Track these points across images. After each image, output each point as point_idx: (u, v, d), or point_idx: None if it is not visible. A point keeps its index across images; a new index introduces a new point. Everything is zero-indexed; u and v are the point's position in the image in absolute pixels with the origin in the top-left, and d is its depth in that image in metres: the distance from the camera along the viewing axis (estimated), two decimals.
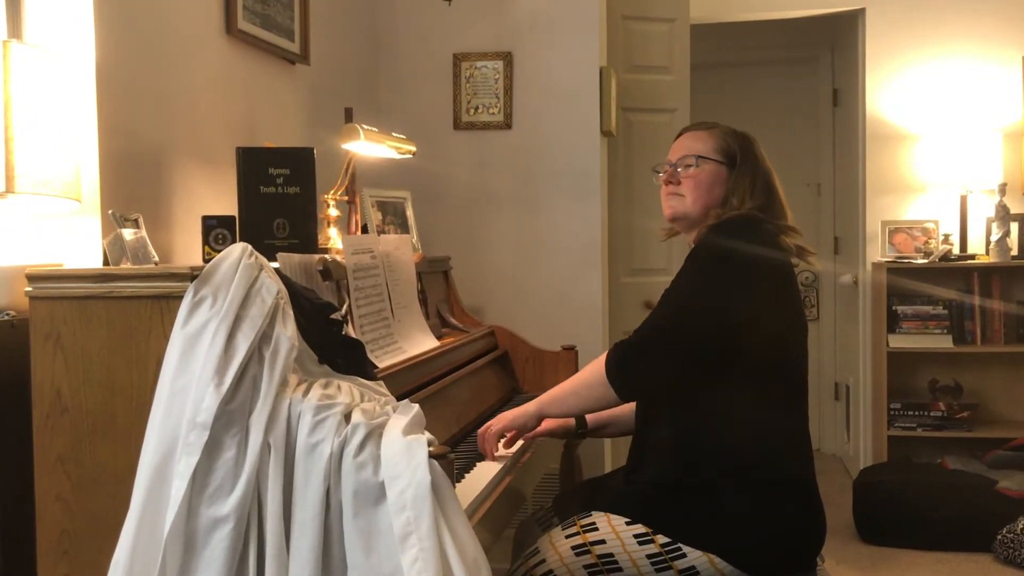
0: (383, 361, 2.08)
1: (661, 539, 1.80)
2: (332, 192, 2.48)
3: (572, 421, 2.24)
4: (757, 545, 1.79)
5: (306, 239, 2.08)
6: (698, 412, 1.85)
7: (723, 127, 2.07)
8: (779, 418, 1.88)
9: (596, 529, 1.86)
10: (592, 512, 1.90)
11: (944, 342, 4.34)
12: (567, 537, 1.88)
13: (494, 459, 2.02)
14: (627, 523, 1.84)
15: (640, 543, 1.81)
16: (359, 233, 2.64)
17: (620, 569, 1.82)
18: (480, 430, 2.06)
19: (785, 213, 2.01)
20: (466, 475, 1.92)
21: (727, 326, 1.81)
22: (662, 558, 1.80)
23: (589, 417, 2.25)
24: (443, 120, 3.50)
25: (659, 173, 2.08)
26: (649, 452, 1.93)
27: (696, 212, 1.99)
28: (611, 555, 1.82)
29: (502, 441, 2.06)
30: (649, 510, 1.84)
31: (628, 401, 1.96)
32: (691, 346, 1.82)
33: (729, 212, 1.95)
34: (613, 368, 1.86)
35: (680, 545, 1.79)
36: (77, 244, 1.86)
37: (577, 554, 1.85)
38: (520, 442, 2.10)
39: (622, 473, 2.07)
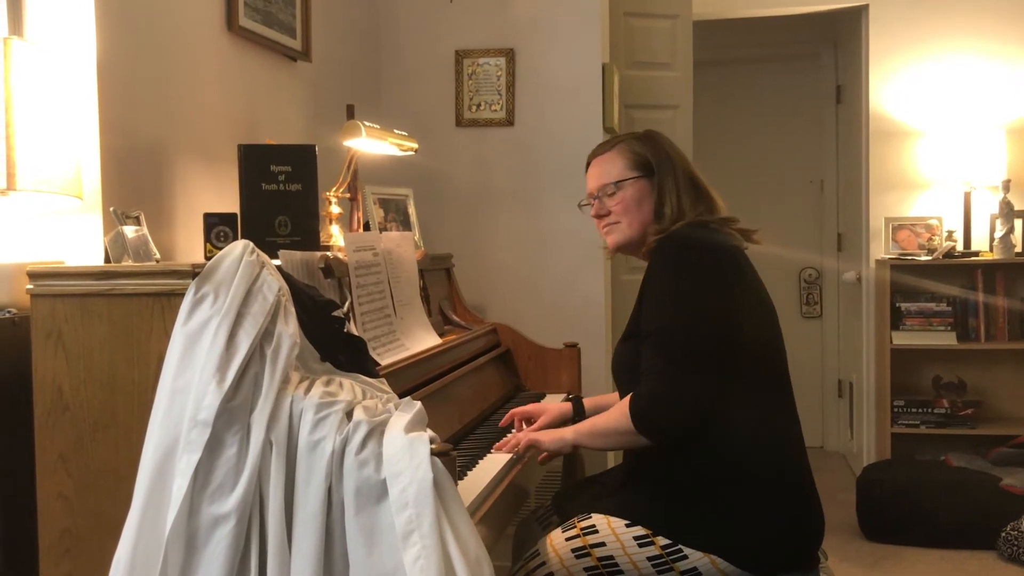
0: (385, 358, 2.07)
1: (661, 541, 1.79)
2: (334, 189, 2.48)
3: (570, 409, 2.28)
4: (757, 543, 1.78)
5: (308, 236, 2.08)
6: None
7: (624, 140, 2.06)
8: (770, 413, 1.87)
9: (596, 531, 1.85)
10: (592, 514, 1.89)
11: (948, 339, 4.33)
12: (567, 539, 1.87)
13: (509, 452, 2.06)
14: (627, 525, 1.83)
15: (640, 545, 1.80)
16: (361, 230, 2.64)
17: (621, 571, 1.81)
18: (522, 434, 2.07)
19: (714, 201, 2.00)
20: (468, 472, 1.92)
21: (714, 327, 1.79)
22: (663, 560, 1.79)
23: (587, 402, 2.31)
24: (445, 117, 3.50)
25: (587, 206, 2.09)
26: (646, 454, 1.92)
27: (635, 234, 2.00)
28: (611, 557, 1.82)
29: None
30: (648, 512, 1.83)
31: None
32: (699, 372, 1.78)
33: (667, 225, 1.94)
34: (642, 425, 1.80)
35: (681, 547, 1.78)
36: (78, 241, 1.86)
37: (577, 556, 1.84)
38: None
39: (621, 472, 2.06)
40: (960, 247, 4.33)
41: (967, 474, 3.94)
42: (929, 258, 4.30)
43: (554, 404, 2.29)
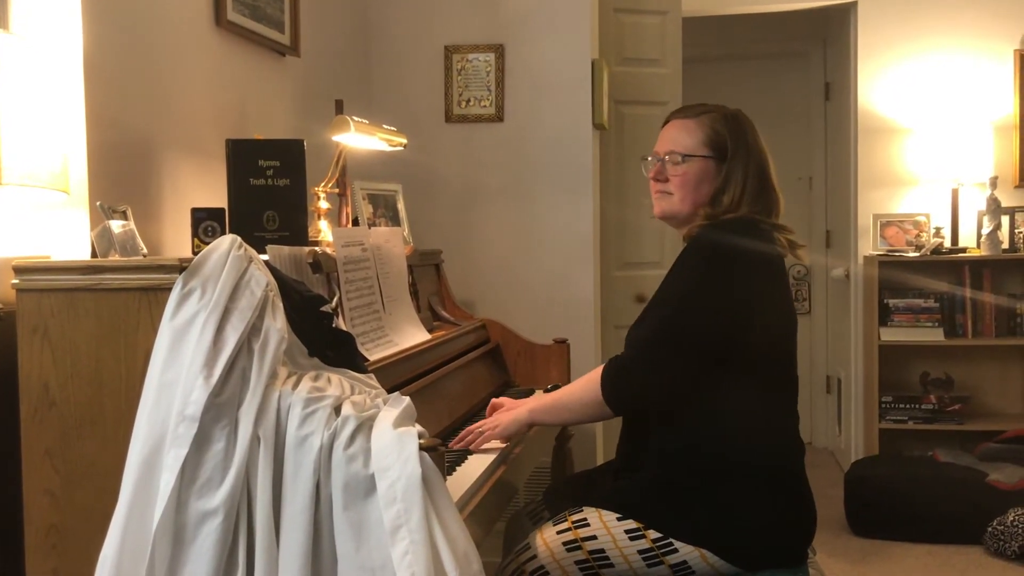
0: (374, 354, 2.07)
1: (652, 534, 1.80)
2: (322, 184, 2.47)
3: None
4: (749, 539, 1.79)
5: (296, 231, 2.07)
6: (690, 409, 1.84)
7: (713, 112, 1.96)
8: (771, 412, 1.87)
9: (587, 525, 1.85)
10: (583, 508, 1.89)
11: (935, 335, 4.35)
12: (558, 533, 1.87)
13: (480, 451, 2.02)
14: (618, 519, 1.83)
15: (631, 539, 1.81)
16: (350, 226, 2.63)
17: (611, 565, 1.82)
18: (473, 427, 2.05)
19: (777, 203, 1.96)
20: (457, 468, 1.92)
21: (719, 327, 1.79)
22: (654, 553, 1.79)
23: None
24: (434, 112, 3.49)
25: (648, 162, 2.01)
26: (639, 448, 1.92)
27: (685, 211, 1.94)
28: (602, 551, 1.82)
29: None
30: (640, 506, 1.83)
31: (623, 415, 1.94)
32: (682, 357, 1.79)
33: (720, 212, 1.90)
34: (608, 387, 1.83)
35: (672, 540, 1.79)
36: (65, 236, 1.85)
37: (568, 550, 1.84)
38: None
39: (612, 468, 2.06)
40: (948, 244, 4.35)
41: (954, 470, 3.96)
42: (917, 255, 4.32)
43: (533, 397, 2.27)
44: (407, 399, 1.52)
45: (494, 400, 2.18)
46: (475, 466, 1.93)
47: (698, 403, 1.83)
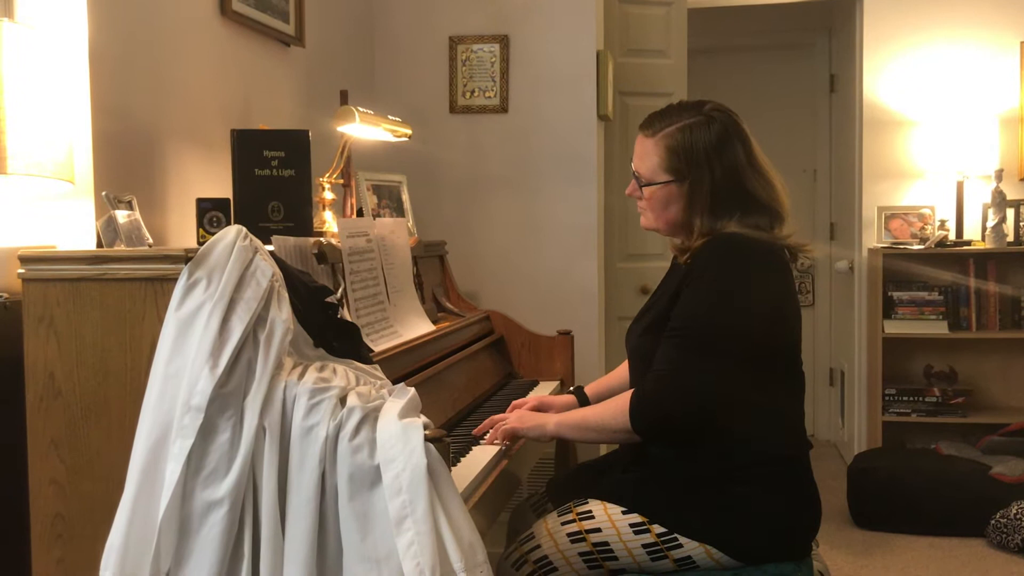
0: (379, 345, 2.07)
1: (657, 529, 1.79)
2: (327, 175, 2.47)
3: (574, 401, 2.21)
4: (754, 535, 1.78)
5: (301, 222, 2.07)
6: None
7: (671, 128, 1.88)
8: (784, 414, 1.86)
9: (592, 517, 1.85)
10: (588, 500, 1.89)
11: (939, 328, 4.34)
12: (563, 524, 1.87)
13: (490, 444, 2.02)
14: (623, 512, 1.83)
15: (636, 532, 1.80)
16: (354, 216, 2.63)
17: (615, 558, 1.81)
18: (496, 418, 2.05)
19: (770, 207, 1.91)
20: (462, 459, 1.92)
21: (745, 337, 1.77)
22: (658, 548, 1.79)
23: (589, 392, 2.25)
24: (439, 103, 3.49)
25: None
26: (646, 442, 1.91)
27: (660, 228, 1.94)
28: (606, 543, 1.82)
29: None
30: (645, 500, 1.83)
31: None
32: (712, 382, 1.75)
33: (692, 242, 1.86)
34: (638, 423, 1.79)
35: (676, 535, 1.78)
36: (70, 226, 1.85)
37: (573, 541, 1.84)
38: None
39: (615, 460, 2.06)
40: (952, 236, 4.34)
41: (957, 462, 3.96)
42: (921, 247, 4.31)
43: (559, 397, 2.25)
44: (412, 390, 1.52)
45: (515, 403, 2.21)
46: (479, 457, 1.93)
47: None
